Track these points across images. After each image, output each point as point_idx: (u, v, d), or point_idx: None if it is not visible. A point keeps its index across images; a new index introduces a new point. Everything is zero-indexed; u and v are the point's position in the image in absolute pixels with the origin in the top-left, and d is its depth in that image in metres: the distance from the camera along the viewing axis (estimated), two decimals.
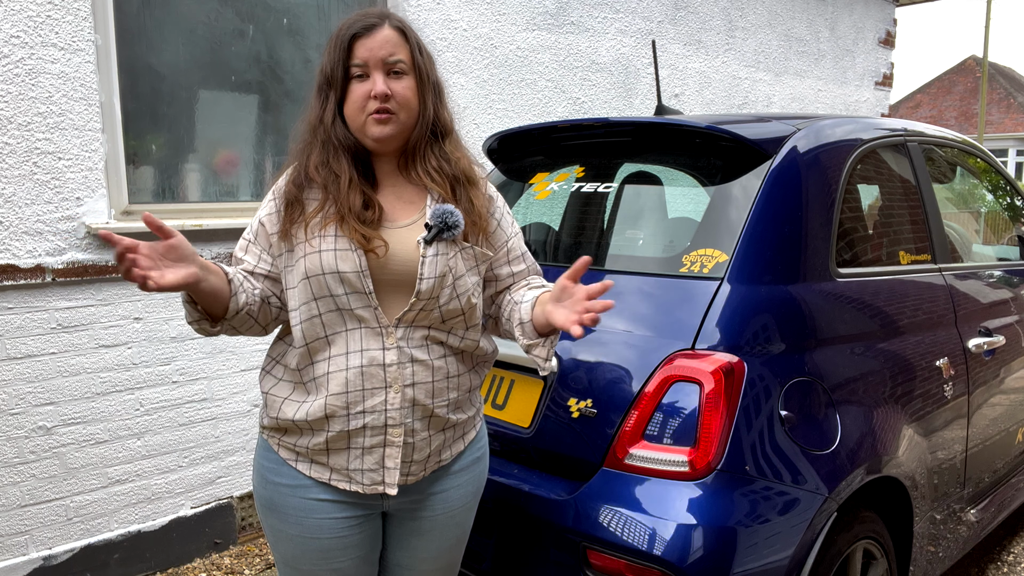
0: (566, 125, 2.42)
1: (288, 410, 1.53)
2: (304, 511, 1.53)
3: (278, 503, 1.55)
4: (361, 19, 1.50)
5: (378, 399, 1.49)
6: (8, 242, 2.64)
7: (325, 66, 1.50)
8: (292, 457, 1.55)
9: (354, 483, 1.53)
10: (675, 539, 1.66)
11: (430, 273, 1.49)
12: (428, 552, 1.66)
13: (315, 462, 1.53)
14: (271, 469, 1.57)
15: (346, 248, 1.46)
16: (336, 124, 1.50)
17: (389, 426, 1.50)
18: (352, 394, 1.48)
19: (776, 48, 5.78)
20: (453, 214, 1.51)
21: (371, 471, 1.52)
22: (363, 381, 1.49)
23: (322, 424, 1.50)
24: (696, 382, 1.75)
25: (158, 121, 3.02)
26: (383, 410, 1.50)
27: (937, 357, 2.34)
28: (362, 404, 1.49)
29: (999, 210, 3.36)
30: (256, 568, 3.11)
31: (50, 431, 2.78)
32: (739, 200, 1.99)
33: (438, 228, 1.50)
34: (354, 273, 1.46)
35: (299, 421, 1.51)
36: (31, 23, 2.62)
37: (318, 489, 1.53)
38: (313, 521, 1.53)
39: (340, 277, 1.46)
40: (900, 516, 2.20)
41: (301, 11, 3.37)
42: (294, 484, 1.54)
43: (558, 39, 4.35)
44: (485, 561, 1.99)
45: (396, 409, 1.50)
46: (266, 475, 1.58)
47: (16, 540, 2.74)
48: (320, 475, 1.53)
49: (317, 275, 1.46)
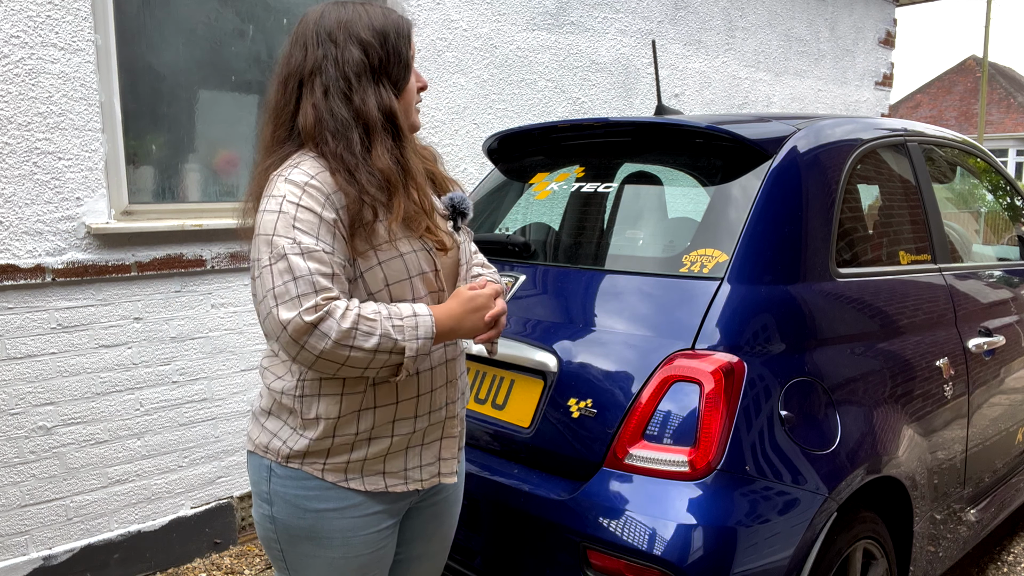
0: (566, 125, 2.42)
1: (348, 427, 1.42)
2: (351, 531, 1.45)
3: (321, 529, 1.44)
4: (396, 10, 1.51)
5: (443, 396, 1.51)
6: (8, 242, 2.64)
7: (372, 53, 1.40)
8: (342, 478, 1.44)
9: (411, 481, 1.50)
10: (675, 539, 1.66)
11: (464, 259, 1.55)
12: (445, 531, 1.69)
13: (369, 473, 1.45)
14: (312, 497, 1.43)
15: (421, 248, 1.43)
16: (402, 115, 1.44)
17: (448, 419, 1.53)
18: (422, 397, 1.47)
19: (776, 48, 5.78)
20: (467, 200, 1.55)
21: (428, 465, 1.52)
22: (432, 382, 1.48)
23: (386, 430, 1.44)
24: (696, 382, 1.75)
25: (158, 121, 3.02)
26: (445, 405, 1.52)
27: (937, 357, 2.34)
28: (429, 404, 1.49)
29: (999, 210, 3.36)
30: (256, 568, 3.11)
31: (50, 431, 2.78)
32: (739, 200, 1.99)
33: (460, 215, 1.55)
34: (432, 273, 1.46)
35: (363, 433, 1.42)
36: (31, 23, 2.62)
37: (368, 504, 1.46)
38: (360, 539, 1.46)
39: (423, 278, 1.44)
40: (900, 516, 2.20)
41: (301, 11, 3.37)
42: (342, 506, 1.44)
43: (558, 39, 4.35)
44: (484, 560, 1.99)
45: (455, 401, 1.54)
46: (304, 505, 1.44)
47: (16, 540, 2.74)
48: (375, 485, 1.46)
49: (402, 280, 1.40)
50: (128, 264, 2.88)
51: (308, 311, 1.25)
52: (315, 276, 1.27)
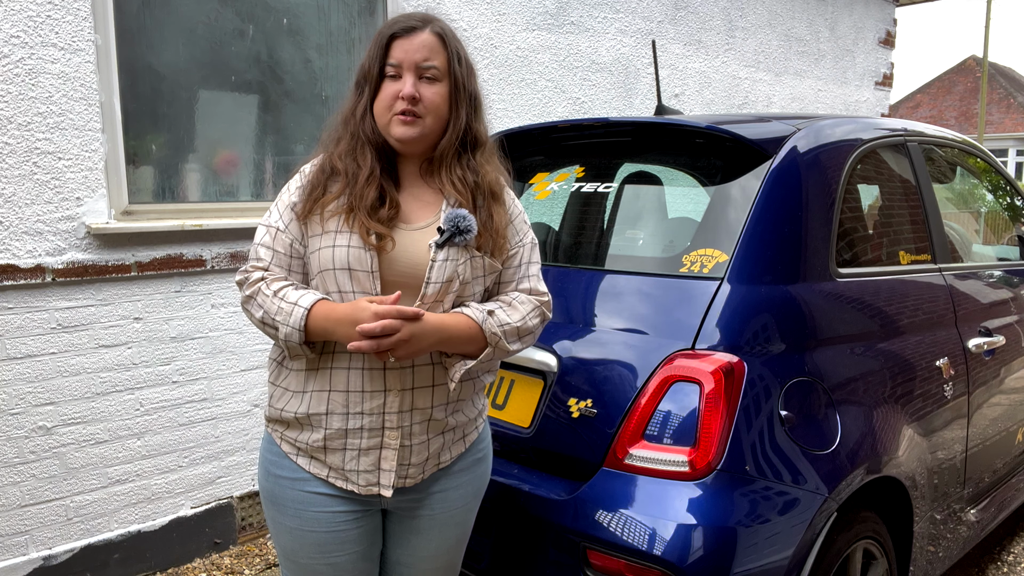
0: (566, 125, 2.42)
1: (290, 403, 1.54)
2: (302, 504, 1.54)
3: (278, 495, 1.57)
4: (404, 20, 1.51)
5: (377, 401, 1.50)
6: (8, 242, 2.64)
7: (364, 62, 1.52)
8: (293, 451, 1.56)
9: (350, 483, 1.54)
10: (675, 539, 1.66)
11: (437, 277, 1.48)
12: (427, 551, 1.66)
13: (314, 458, 1.55)
14: (273, 462, 1.58)
15: (359, 246, 1.46)
16: (366, 118, 1.51)
17: (386, 428, 1.51)
18: (352, 394, 1.50)
19: (776, 48, 5.78)
20: (466, 219, 1.49)
21: (367, 472, 1.53)
22: (363, 382, 1.49)
23: (320, 421, 1.51)
24: (696, 382, 1.75)
25: (158, 121, 3.02)
26: (380, 413, 1.50)
27: (937, 357, 2.34)
28: (360, 405, 1.50)
29: (999, 210, 3.36)
30: (256, 568, 3.11)
31: (50, 431, 2.78)
32: (739, 200, 1.99)
33: (450, 232, 1.48)
34: (364, 272, 1.46)
35: (300, 416, 1.52)
36: (31, 23, 2.62)
37: (316, 483, 1.55)
38: (311, 514, 1.54)
39: (350, 274, 1.47)
40: (900, 516, 2.20)
41: (301, 11, 3.37)
42: (294, 477, 1.55)
43: (558, 39, 4.35)
44: (484, 560, 1.99)
45: (394, 413, 1.51)
46: (269, 468, 1.59)
47: (16, 540, 2.74)
48: (319, 471, 1.55)
49: (329, 269, 1.47)
50: (128, 264, 2.88)
51: (239, 272, 1.54)
52: (259, 247, 1.53)
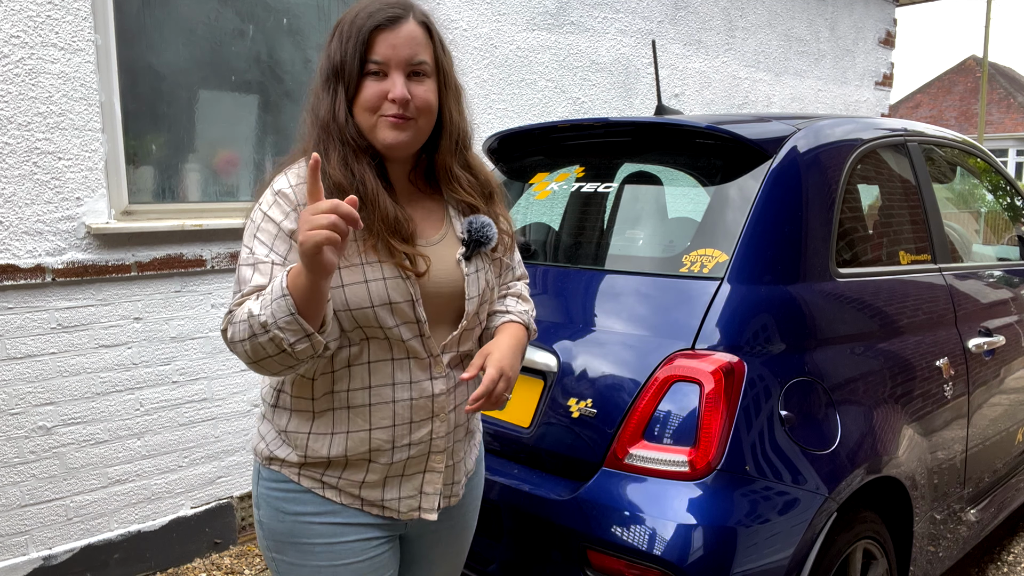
0: (566, 125, 2.42)
1: (318, 446, 1.36)
2: (334, 536, 1.38)
3: (300, 534, 1.38)
4: (383, 8, 1.30)
5: (425, 430, 1.38)
6: (8, 242, 2.64)
7: (335, 54, 1.30)
8: (318, 486, 1.38)
9: (388, 511, 1.41)
10: (675, 539, 1.66)
11: (474, 292, 1.39)
12: (448, 558, 1.60)
13: (345, 491, 1.39)
14: (289, 499, 1.38)
15: (395, 275, 1.30)
16: (350, 123, 1.31)
17: (432, 453, 1.41)
18: (399, 428, 1.36)
19: (776, 48, 5.78)
20: (486, 225, 1.40)
21: (408, 498, 1.41)
22: (411, 414, 1.36)
23: (363, 460, 1.37)
24: (696, 382, 1.75)
25: (158, 121, 3.02)
26: (428, 440, 1.39)
27: (937, 357, 2.33)
28: (408, 437, 1.37)
29: (999, 210, 3.36)
30: (256, 568, 3.11)
31: (50, 431, 2.78)
32: (739, 200, 1.99)
33: (476, 242, 1.39)
34: (407, 303, 1.32)
35: (336, 458, 1.36)
36: (31, 23, 2.62)
37: (350, 513, 1.40)
38: (344, 545, 1.38)
39: (392, 308, 1.30)
40: (900, 516, 2.20)
41: (301, 11, 3.37)
42: (320, 511, 1.38)
43: (558, 39, 4.35)
44: (485, 562, 1.99)
45: (441, 437, 1.40)
46: (281, 507, 1.39)
47: (16, 540, 2.74)
48: (351, 501, 1.40)
49: (366, 307, 1.29)
50: (128, 264, 2.88)
51: (223, 320, 1.27)
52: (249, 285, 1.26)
